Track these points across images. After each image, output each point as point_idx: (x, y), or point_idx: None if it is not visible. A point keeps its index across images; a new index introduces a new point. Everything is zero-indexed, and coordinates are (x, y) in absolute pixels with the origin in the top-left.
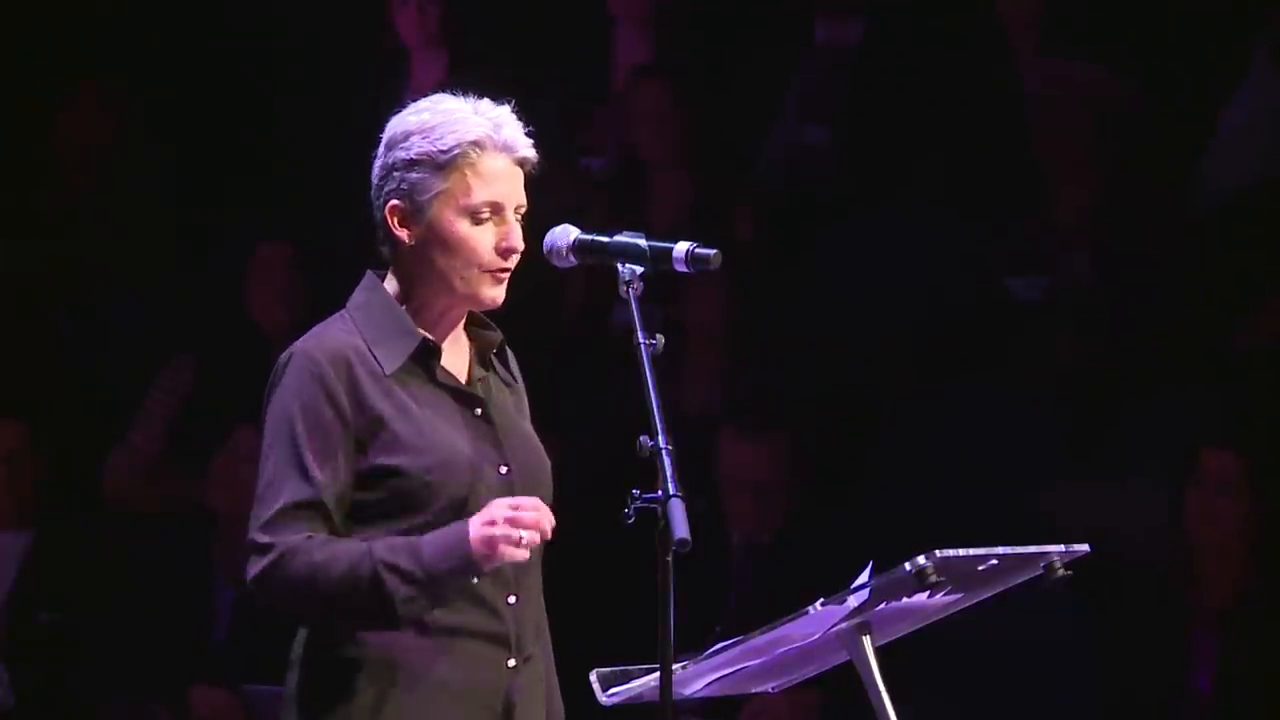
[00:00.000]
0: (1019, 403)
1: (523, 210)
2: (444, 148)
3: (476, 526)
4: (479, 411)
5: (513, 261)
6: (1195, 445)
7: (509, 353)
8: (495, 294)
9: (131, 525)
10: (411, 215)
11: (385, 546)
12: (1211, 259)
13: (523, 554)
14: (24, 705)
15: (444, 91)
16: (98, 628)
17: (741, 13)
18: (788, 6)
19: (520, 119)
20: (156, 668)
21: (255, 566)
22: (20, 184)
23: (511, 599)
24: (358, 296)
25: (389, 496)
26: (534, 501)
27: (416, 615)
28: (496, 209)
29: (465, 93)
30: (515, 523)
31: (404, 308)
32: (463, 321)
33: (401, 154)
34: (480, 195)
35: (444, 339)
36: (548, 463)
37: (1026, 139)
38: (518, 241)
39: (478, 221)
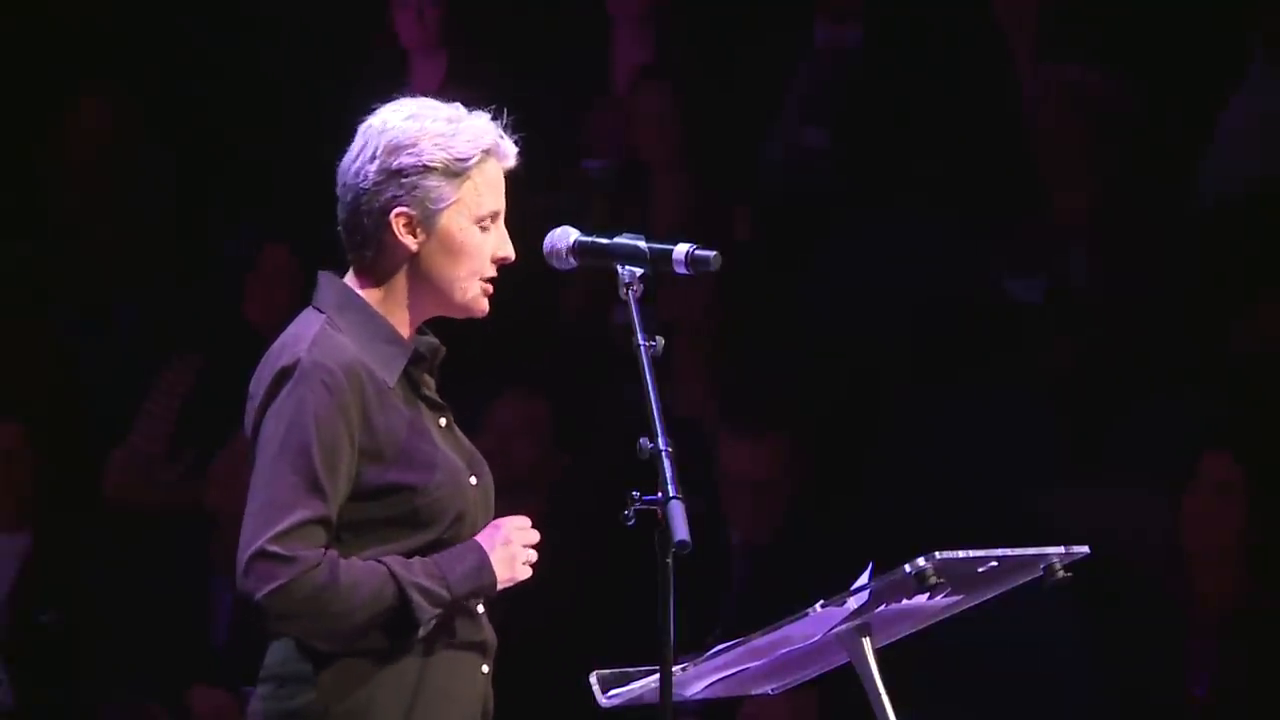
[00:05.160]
0: (1018, 404)
1: None
2: (461, 155)
3: (495, 548)
4: (443, 422)
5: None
6: (1194, 448)
7: None
8: (485, 304)
9: (131, 525)
10: (421, 223)
11: (404, 567)
12: (1210, 261)
13: (529, 573)
14: (24, 705)
15: (445, 93)
16: (98, 628)
17: (741, 13)
18: (788, 7)
19: (520, 120)
20: (156, 668)
21: (272, 580)
22: (21, 185)
23: (480, 606)
24: (335, 301)
25: (401, 513)
26: (528, 520)
27: (425, 633)
28: (495, 218)
29: (464, 94)
30: (524, 543)
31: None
32: None
33: (410, 159)
34: (487, 205)
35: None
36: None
37: (1025, 141)
38: (511, 250)
39: (483, 230)
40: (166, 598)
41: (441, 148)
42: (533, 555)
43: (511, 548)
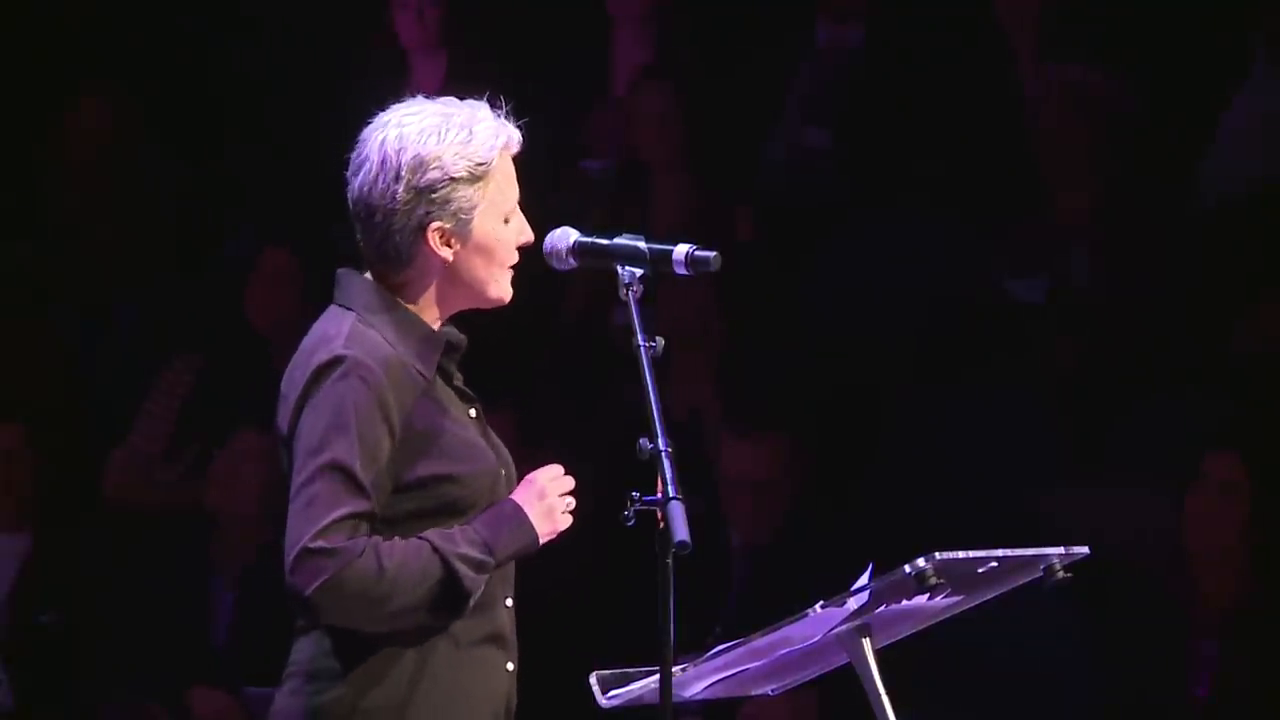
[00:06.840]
0: (1019, 404)
1: None
2: (482, 160)
3: (532, 503)
4: (473, 413)
5: None
6: (1196, 448)
7: None
8: (511, 291)
9: (131, 525)
10: (455, 233)
11: (445, 539)
12: (1212, 261)
13: (569, 521)
14: (24, 705)
15: (445, 93)
16: (98, 628)
17: (742, 13)
18: (789, 7)
19: (520, 120)
20: (156, 668)
21: (320, 575)
22: (21, 184)
23: (509, 601)
24: (365, 299)
25: (439, 503)
26: (560, 468)
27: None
28: (516, 207)
29: (464, 94)
30: (561, 491)
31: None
32: None
33: (436, 174)
34: (511, 198)
35: None
36: None
37: (1027, 141)
38: (530, 234)
39: (507, 223)
40: (166, 598)
41: (463, 156)
42: (571, 503)
43: (548, 500)
